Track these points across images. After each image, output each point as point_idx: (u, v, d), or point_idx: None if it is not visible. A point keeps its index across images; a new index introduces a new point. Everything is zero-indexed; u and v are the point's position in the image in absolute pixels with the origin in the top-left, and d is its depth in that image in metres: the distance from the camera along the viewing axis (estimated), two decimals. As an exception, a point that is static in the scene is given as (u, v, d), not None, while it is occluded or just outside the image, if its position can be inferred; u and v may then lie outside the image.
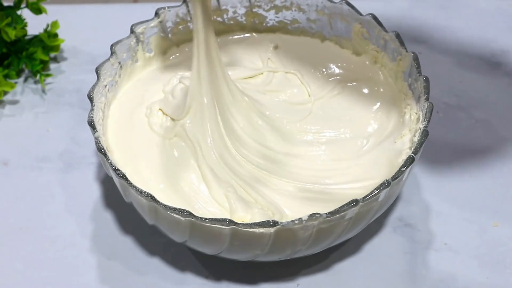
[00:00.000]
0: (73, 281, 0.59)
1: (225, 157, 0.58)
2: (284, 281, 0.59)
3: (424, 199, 0.64)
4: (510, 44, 0.81)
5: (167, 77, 0.66)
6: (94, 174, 0.67)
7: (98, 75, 0.60)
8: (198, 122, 0.59)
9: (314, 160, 0.60)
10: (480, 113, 0.72)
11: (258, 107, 0.62)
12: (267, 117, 0.62)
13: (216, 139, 0.59)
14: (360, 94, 0.64)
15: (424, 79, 0.57)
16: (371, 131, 0.62)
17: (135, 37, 0.64)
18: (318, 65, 0.67)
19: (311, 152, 0.61)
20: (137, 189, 0.51)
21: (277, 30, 0.71)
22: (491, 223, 0.62)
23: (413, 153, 0.53)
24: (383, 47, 0.64)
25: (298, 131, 0.62)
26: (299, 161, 0.60)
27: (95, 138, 0.55)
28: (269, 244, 0.51)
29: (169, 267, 0.60)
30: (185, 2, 0.67)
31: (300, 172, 0.59)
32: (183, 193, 0.57)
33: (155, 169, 0.58)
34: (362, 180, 0.57)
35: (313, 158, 0.60)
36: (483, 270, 0.59)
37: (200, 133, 0.59)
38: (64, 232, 0.63)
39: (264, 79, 0.66)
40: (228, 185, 0.57)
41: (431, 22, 0.85)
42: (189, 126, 0.60)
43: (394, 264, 0.60)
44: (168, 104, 0.62)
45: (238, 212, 0.54)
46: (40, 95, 0.76)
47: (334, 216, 0.49)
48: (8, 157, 0.69)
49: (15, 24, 0.75)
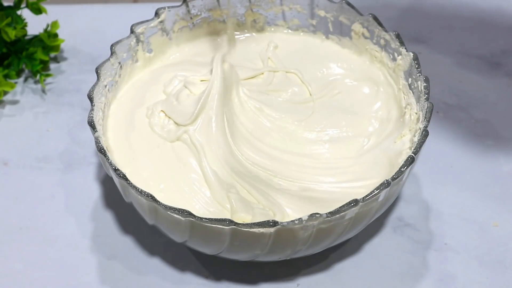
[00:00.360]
0: (73, 281, 0.59)
1: (230, 162, 0.58)
2: (284, 281, 0.59)
3: (424, 199, 0.64)
4: (510, 44, 0.81)
5: (167, 77, 0.66)
6: (94, 174, 0.67)
7: (98, 75, 0.60)
8: (204, 130, 0.59)
9: (317, 158, 0.60)
10: (480, 113, 0.72)
11: (266, 109, 0.63)
12: (274, 118, 0.62)
13: (221, 145, 0.59)
14: (360, 93, 0.64)
15: (424, 79, 0.57)
16: (372, 130, 0.62)
17: (135, 37, 0.64)
18: (318, 65, 0.67)
19: (315, 151, 0.61)
20: (137, 189, 0.51)
21: (277, 30, 0.71)
22: (491, 223, 0.62)
23: (413, 153, 0.53)
24: (383, 47, 0.64)
25: (303, 129, 0.62)
26: (303, 160, 0.60)
27: (95, 138, 0.55)
28: (269, 244, 0.51)
29: (169, 267, 0.60)
30: (185, 2, 0.67)
31: (304, 170, 0.59)
32: (183, 193, 0.57)
33: (155, 169, 0.58)
34: (364, 179, 0.57)
35: (317, 156, 0.60)
36: (483, 270, 0.59)
37: (206, 140, 0.59)
38: (64, 232, 0.63)
39: (265, 79, 0.66)
40: (230, 187, 0.56)
41: (431, 22, 0.85)
42: (194, 133, 0.60)
43: (394, 264, 0.60)
44: (171, 108, 0.62)
45: (239, 212, 0.54)
46: (40, 95, 0.76)
47: (334, 216, 0.49)
48: (8, 157, 0.69)
49: (15, 24, 0.75)
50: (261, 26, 0.71)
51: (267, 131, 0.62)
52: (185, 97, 0.63)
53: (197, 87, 0.63)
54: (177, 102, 0.62)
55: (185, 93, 0.63)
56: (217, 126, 0.60)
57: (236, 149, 0.59)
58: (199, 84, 0.64)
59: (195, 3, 0.68)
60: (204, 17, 0.69)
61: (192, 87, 0.63)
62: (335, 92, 0.65)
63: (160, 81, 0.66)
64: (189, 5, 0.67)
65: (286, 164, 0.59)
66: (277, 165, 0.59)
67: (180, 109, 0.61)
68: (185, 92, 0.63)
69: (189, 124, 0.60)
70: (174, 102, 0.62)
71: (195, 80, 0.64)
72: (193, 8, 0.68)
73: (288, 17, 0.69)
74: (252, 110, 0.63)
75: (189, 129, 0.60)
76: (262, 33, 0.71)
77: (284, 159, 0.60)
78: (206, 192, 0.57)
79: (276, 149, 0.60)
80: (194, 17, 0.69)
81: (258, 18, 0.70)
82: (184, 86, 0.64)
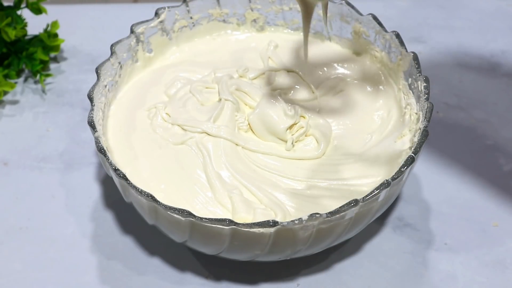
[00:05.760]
0: (73, 281, 0.59)
1: (235, 165, 0.58)
2: (284, 281, 0.59)
3: (424, 199, 0.64)
4: (510, 44, 0.81)
5: (168, 78, 0.66)
6: (94, 174, 0.67)
7: (98, 75, 0.60)
8: (212, 139, 0.59)
9: (323, 156, 0.60)
10: (480, 113, 0.72)
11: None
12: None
13: (228, 151, 0.59)
14: (361, 92, 0.64)
15: (424, 79, 0.57)
16: (374, 128, 0.62)
17: (135, 37, 0.64)
18: (319, 64, 0.67)
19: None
20: (137, 189, 0.51)
21: (277, 30, 0.71)
22: (491, 223, 0.62)
23: (413, 153, 0.52)
24: (383, 47, 0.64)
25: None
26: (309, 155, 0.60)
27: (95, 138, 0.55)
28: (269, 244, 0.51)
29: (169, 267, 0.60)
30: (185, 2, 0.67)
31: (310, 167, 0.59)
32: (184, 194, 0.56)
33: (156, 170, 0.58)
34: (366, 177, 0.57)
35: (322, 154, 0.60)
36: (483, 270, 0.59)
37: (213, 146, 0.59)
38: (64, 232, 0.63)
39: (267, 79, 0.66)
40: (233, 188, 0.56)
41: (431, 22, 0.85)
42: (202, 139, 0.60)
43: (394, 264, 0.60)
44: (177, 113, 0.62)
45: (240, 213, 0.54)
46: (40, 95, 0.76)
47: (334, 216, 0.49)
48: (8, 157, 0.69)
49: (15, 24, 0.75)
50: (261, 26, 0.71)
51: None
52: (193, 105, 0.62)
53: (204, 96, 0.63)
54: (183, 108, 0.62)
55: (192, 101, 0.63)
56: (226, 138, 0.60)
57: (244, 155, 0.59)
58: (206, 93, 0.64)
59: (195, 3, 0.68)
60: (204, 17, 0.69)
61: (199, 96, 0.63)
62: (337, 90, 0.65)
63: (160, 82, 0.66)
64: (189, 5, 0.67)
65: (291, 162, 0.59)
66: (282, 163, 0.59)
67: (186, 117, 0.61)
68: (193, 100, 0.63)
69: (197, 132, 0.60)
70: (180, 108, 0.62)
71: (200, 87, 0.64)
72: (193, 8, 0.68)
73: (288, 17, 0.70)
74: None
75: (195, 135, 0.60)
76: (262, 33, 0.71)
77: (292, 156, 0.60)
78: (208, 193, 0.57)
79: (281, 146, 0.60)
80: (194, 17, 0.69)
81: (258, 18, 0.70)
82: (190, 92, 0.64)
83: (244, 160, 0.59)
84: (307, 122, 0.61)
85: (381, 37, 0.63)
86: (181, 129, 0.61)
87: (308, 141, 0.61)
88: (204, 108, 0.62)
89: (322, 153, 0.60)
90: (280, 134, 0.60)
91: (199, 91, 0.64)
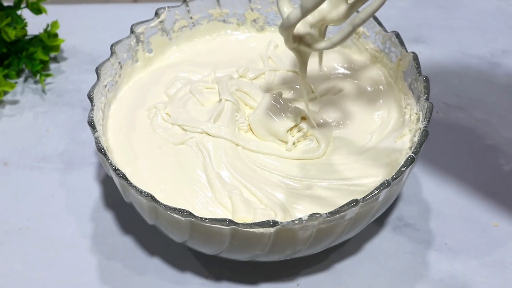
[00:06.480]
0: (73, 281, 0.59)
1: (236, 166, 0.58)
2: (284, 281, 0.59)
3: (424, 199, 0.64)
4: (510, 44, 0.81)
5: (168, 78, 0.66)
6: (94, 174, 0.67)
7: (98, 75, 0.60)
8: (213, 138, 0.59)
9: (324, 156, 0.60)
10: (480, 113, 0.72)
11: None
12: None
13: (228, 151, 0.59)
14: (361, 92, 0.64)
15: (424, 79, 0.57)
16: (374, 128, 0.62)
17: (135, 37, 0.64)
18: (319, 64, 0.67)
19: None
20: (137, 189, 0.51)
21: (277, 30, 0.71)
22: (491, 223, 0.62)
23: (413, 153, 0.52)
24: (383, 47, 0.64)
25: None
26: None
27: (95, 138, 0.55)
28: (269, 244, 0.51)
29: (169, 267, 0.60)
30: (185, 2, 0.67)
31: (310, 168, 0.59)
32: (184, 194, 0.56)
33: (156, 170, 0.58)
34: (366, 177, 0.57)
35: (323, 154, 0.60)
36: (483, 270, 0.59)
37: (212, 147, 0.59)
38: (64, 232, 0.63)
39: (267, 79, 0.66)
40: (233, 188, 0.56)
41: (431, 22, 0.85)
42: (202, 139, 0.60)
43: (394, 264, 0.60)
44: (177, 113, 0.62)
45: (240, 213, 0.54)
46: (40, 95, 0.76)
47: (334, 216, 0.49)
48: (8, 157, 0.69)
49: (15, 24, 0.75)
50: (261, 26, 0.71)
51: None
52: (193, 105, 0.62)
53: (204, 96, 0.63)
54: (183, 109, 0.62)
55: (192, 101, 0.63)
56: (226, 138, 0.60)
57: (244, 155, 0.59)
58: (206, 93, 0.64)
59: (195, 3, 0.68)
60: (204, 17, 0.69)
61: (199, 96, 0.63)
62: (337, 89, 0.65)
63: (161, 82, 0.66)
64: (189, 5, 0.67)
65: (291, 162, 0.59)
66: (282, 164, 0.59)
67: (187, 117, 0.61)
68: (193, 100, 0.63)
69: (198, 132, 0.60)
70: (180, 109, 0.62)
71: (200, 87, 0.64)
72: (193, 8, 0.68)
73: (288, 17, 0.69)
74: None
75: (195, 135, 0.60)
76: (262, 33, 0.71)
77: (293, 156, 0.60)
78: (208, 193, 0.57)
79: (281, 147, 0.60)
80: (194, 17, 0.69)
81: (258, 18, 0.70)
82: (190, 92, 0.64)
83: (244, 160, 0.59)
84: (307, 123, 0.61)
85: (381, 37, 0.63)
86: (181, 129, 0.61)
87: (308, 141, 0.61)
88: (204, 108, 0.62)
89: (322, 153, 0.60)
90: (281, 136, 0.60)
91: (199, 91, 0.64)
